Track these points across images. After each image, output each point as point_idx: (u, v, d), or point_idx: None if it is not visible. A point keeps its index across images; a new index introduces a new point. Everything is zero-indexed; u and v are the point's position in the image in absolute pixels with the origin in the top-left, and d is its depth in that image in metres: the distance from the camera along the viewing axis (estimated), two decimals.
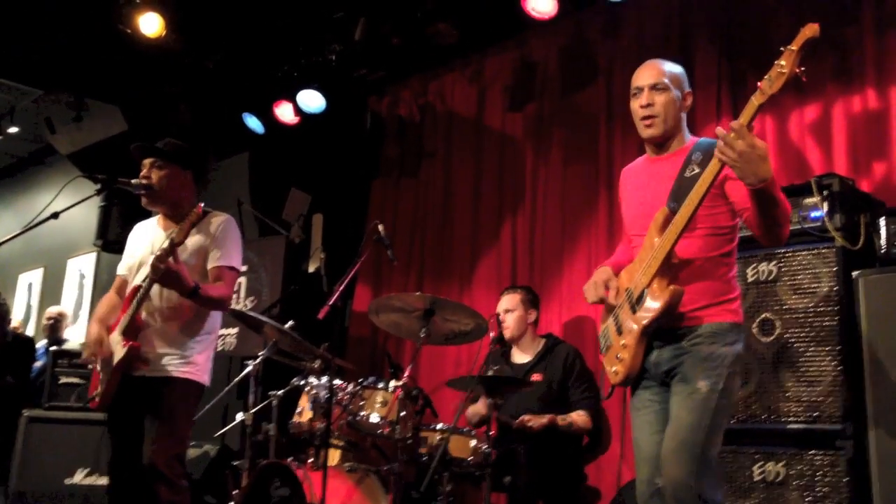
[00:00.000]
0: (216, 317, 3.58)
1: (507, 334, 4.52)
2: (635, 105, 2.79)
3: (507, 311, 4.52)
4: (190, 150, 3.62)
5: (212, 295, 3.37)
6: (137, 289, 3.38)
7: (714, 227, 2.65)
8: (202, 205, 3.32)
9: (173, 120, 6.21)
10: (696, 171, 2.53)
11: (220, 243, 3.48)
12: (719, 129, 2.32)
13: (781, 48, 2.27)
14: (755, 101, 2.29)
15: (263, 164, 7.07)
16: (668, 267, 2.57)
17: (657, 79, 2.75)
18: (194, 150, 3.64)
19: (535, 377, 4.40)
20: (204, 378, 3.48)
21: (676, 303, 2.55)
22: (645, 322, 2.59)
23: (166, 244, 3.18)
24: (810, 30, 2.22)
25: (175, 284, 3.25)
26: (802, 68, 2.23)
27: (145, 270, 3.35)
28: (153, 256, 3.22)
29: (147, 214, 3.76)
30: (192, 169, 3.62)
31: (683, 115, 2.81)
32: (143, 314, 3.41)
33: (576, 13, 5.26)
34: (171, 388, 3.34)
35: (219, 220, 3.55)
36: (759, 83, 2.30)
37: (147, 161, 3.55)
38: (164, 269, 3.16)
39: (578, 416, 4.24)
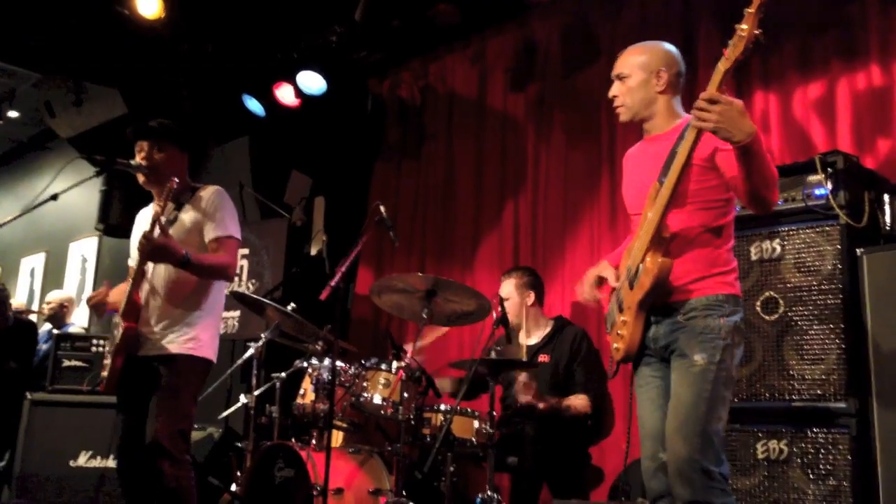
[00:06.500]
0: (218, 293, 3.56)
1: (510, 323, 4.50)
2: None
3: (505, 300, 4.41)
4: (184, 130, 3.62)
5: (206, 262, 3.36)
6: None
7: (705, 201, 2.65)
8: (176, 179, 3.33)
9: (173, 103, 6.18)
10: None
11: (213, 215, 3.47)
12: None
13: (744, 11, 2.30)
14: (721, 66, 2.35)
15: (264, 147, 7.05)
16: (660, 241, 2.57)
17: (619, 69, 2.87)
18: (191, 132, 3.63)
19: (542, 358, 4.38)
20: (208, 353, 3.46)
21: (666, 276, 2.55)
22: (639, 297, 2.59)
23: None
24: None
25: (165, 257, 3.26)
26: (760, 30, 2.27)
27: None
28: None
29: (149, 198, 3.75)
30: (189, 151, 3.62)
31: (661, 96, 2.79)
32: (142, 294, 3.42)
33: None
34: (174, 365, 3.34)
35: (208, 192, 3.54)
36: (723, 49, 2.35)
37: (145, 143, 3.54)
38: (150, 245, 3.18)
39: (577, 400, 4.21)
